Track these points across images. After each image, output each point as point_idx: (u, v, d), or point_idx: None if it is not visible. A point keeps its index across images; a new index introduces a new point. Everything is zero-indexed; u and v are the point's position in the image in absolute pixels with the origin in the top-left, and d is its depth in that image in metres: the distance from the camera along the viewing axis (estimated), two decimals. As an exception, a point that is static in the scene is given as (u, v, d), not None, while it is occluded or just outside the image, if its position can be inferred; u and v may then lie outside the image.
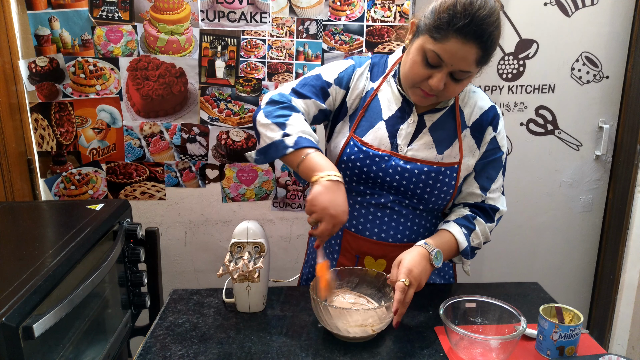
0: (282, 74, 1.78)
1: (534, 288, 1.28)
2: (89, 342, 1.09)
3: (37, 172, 1.80)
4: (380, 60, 1.21)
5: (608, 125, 2.03)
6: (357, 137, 1.15)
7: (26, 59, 1.71)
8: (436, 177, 1.12)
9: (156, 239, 1.42)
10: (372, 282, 1.13)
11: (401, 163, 1.12)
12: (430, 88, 1.04)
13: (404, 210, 1.16)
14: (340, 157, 1.15)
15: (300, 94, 1.13)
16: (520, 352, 0.99)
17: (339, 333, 1.00)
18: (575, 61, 1.98)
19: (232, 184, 1.89)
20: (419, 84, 1.06)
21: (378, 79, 1.18)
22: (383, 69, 1.19)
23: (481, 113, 1.16)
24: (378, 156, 1.12)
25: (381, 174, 1.13)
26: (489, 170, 1.18)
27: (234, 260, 1.11)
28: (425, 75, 1.03)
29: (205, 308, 1.16)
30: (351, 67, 1.19)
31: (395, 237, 1.18)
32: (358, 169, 1.14)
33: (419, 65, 1.03)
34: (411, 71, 1.06)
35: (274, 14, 1.73)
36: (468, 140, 1.15)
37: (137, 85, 1.76)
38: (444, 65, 1.01)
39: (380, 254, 1.19)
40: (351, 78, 1.18)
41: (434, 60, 1.01)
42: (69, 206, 1.30)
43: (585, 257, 2.20)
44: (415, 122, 1.14)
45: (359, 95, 1.18)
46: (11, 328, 0.77)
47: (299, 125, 1.05)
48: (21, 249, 1.02)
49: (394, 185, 1.13)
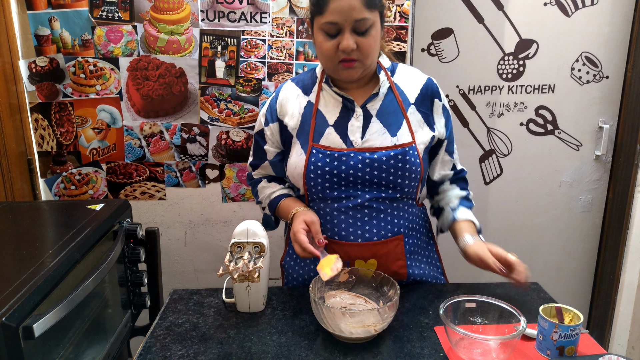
0: (282, 74, 1.78)
1: (534, 288, 1.28)
2: (89, 342, 1.09)
3: (37, 172, 1.80)
4: (308, 74, 1.27)
5: (608, 125, 2.03)
6: (317, 145, 1.17)
7: (26, 59, 1.71)
8: (403, 159, 1.15)
9: (156, 239, 1.42)
10: (368, 282, 1.13)
11: (366, 155, 1.15)
12: (345, 53, 1.08)
13: (381, 205, 1.18)
14: (307, 168, 1.17)
15: (253, 165, 1.35)
16: (520, 352, 0.99)
17: (341, 334, 1.00)
18: (575, 61, 1.98)
19: (232, 184, 1.89)
20: (335, 58, 1.10)
21: (312, 90, 1.23)
22: (313, 81, 1.24)
23: (420, 87, 1.21)
24: (343, 155, 1.15)
25: (351, 171, 1.15)
26: (450, 136, 1.26)
27: (234, 260, 1.11)
28: (334, 46, 1.09)
29: (205, 308, 1.17)
30: (272, 100, 1.28)
31: (379, 234, 1.18)
32: (328, 174, 1.16)
33: (324, 42, 1.10)
34: (323, 52, 1.12)
35: (274, 14, 1.73)
36: (415, 116, 1.19)
37: (137, 85, 1.76)
38: (342, 27, 1.07)
39: (369, 255, 1.19)
40: (275, 109, 1.25)
41: (332, 29, 1.08)
42: (69, 206, 1.30)
43: (585, 257, 2.21)
44: (361, 115, 1.17)
45: (296, 114, 1.22)
46: (11, 328, 0.77)
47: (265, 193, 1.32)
48: (21, 249, 1.02)
49: (367, 179, 1.15)
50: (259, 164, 1.33)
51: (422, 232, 1.28)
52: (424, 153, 1.19)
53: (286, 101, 1.24)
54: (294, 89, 1.25)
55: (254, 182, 1.37)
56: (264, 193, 1.33)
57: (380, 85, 1.18)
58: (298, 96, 1.23)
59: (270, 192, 1.31)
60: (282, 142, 1.26)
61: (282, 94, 1.26)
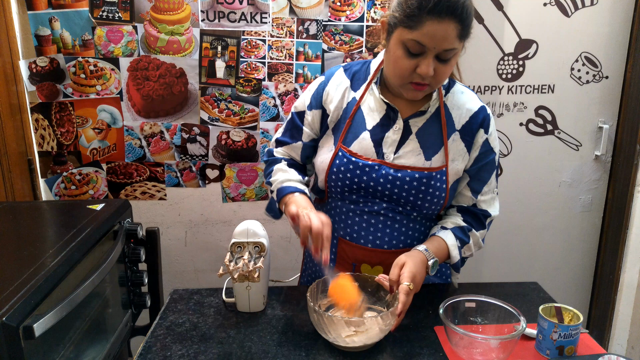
0: (282, 74, 1.78)
1: (534, 288, 1.28)
2: (90, 342, 1.09)
3: (38, 172, 1.80)
4: (362, 67, 1.20)
5: (607, 125, 2.03)
6: (345, 148, 1.14)
7: (27, 59, 1.71)
8: (427, 183, 1.10)
9: (156, 239, 1.42)
10: (364, 286, 1.10)
11: (391, 171, 1.11)
12: (420, 77, 1.02)
13: (397, 216, 1.15)
14: (330, 169, 1.15)
15: (281, 142, 1.27)
16: (520, 351, 0.99)
17: (345, 345, 0.97)
18: (575, 61, 1.98)
19: (232, 184, 1.89)
20: (408, 78, 1.04)
21: (360, 87, 1.17)
22: (365, 77, 1.18)
23: (470, 115, 1.14)
24: (368, 166, 1.11)
25: (372, 184, 1.12)
26: (482, 173, 1.17)
27: (234, 260, 1.11)
28: (412, 67, 1.01)
29: (206, 308, 1.17)
30: (320, 85, 1.20)
31: (391, 243, 1.17)
32: (349, 180, 1.13)
33: (402, 58, 1.02)
34: (397, 67, 1.04)
35: (274, 15, 1.73)
36: (457, 144, 1.13)
37: (137, 86, 1.76)
38: (428, 50, 0.99)
39: (376, 261, 1.18)
40: (322, 96, 1.19)
41: (416, 49, 0.99)
42: (70, 206, 1.30)
43: (585, 257, 2.21)
44: (400, 129, 1.12)
45: (339, 107, 1.17)
46: (12, 328, 0.77)
47: (279, 177, 1.20)
48: (21, 249, 1.02)
49: (386, 194, 1.12)
50: (288, 142, 1.25)
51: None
52: (454, 182, 1.14)
53: (333, 90, 1.18)
54: (343, 79, 1.19)
55: (271, 160, 1.27)
56: (278, 176, 1.21)
57: (430, 104, 1.12)
58: (345, 89, 1.17)
59: (285, 178, 1.20)
60: (320, 130, 1.22)
61: (332, 81, 1.19)
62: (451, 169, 1.12)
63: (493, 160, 1.17)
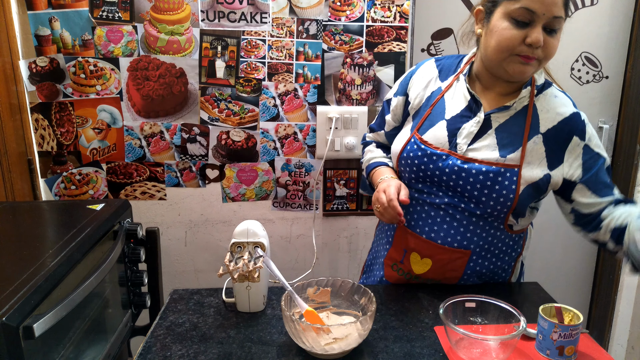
0: (282, 74, 1.78)
1: (534, 288, 1.28)
2: (90, 342, 1.09)
3: (38, 172, 1.80)
4: (454, 60, 1.21)
5: (608, 125, 2.03)
6: (418, 136, 1.16)
7: (26, 59, 1.71)
8: (494, 179, 1.07)
9: (156, 239, 1.42)
10: (336, 291, 1.09)
11: (458, 163, 1.09)
12: (531, 48, 0.99)
13: (458, 214, 1.13)
14: (401, 155, 1.17)
15: (371, 129, 1.39)
16: (520, 352, 0.99)
17: (323, 353, 0.95)
18: (575, 61, 1.98)
19: (232, 184, 1.89)
20: (516, 50, 1.00)
21: (448, 78, 1.18)
22: (455, 69, 1.19)
23: (560, 120, 1.08)
24: (436, 155, 1.11)
25: (438, 173, 1.12)
26: (601, 177, 1.09)
27: (234, 260, 1.11)
28: (521, 37, 0.99)
29: (206, 308, 1.17)
30: (409, 73, 1.25)
31: (445, 239, 1.15)
32: (416, 167, 1.14)
33: (509, 30, 1.00)
34: (503, 39, 1.01)
35: (274, 14, 1.73)
36: (538, 148, 1.08)
37: (137, 86, 1.76)
38: (537, 19, 0.98)
39: (426, 253, 1.18)
40: (408, 83, 1.23)
41: (526, 16, 0.98)
42: (70, 206, 1.30)
43: (585, 257, 2.21)
44: (480, 122, 1.10)
45: (422, 96, 1.19)
46: (11, 328, 0.77)
47: (367, 157, 1.36)
48: (21, 249, 1.02)
49: (451, 185, 1.11)
50: (376, 130, 1.37)
51: (500, 258, 1.21)
52: (528, 187, 1.08)
53: (420, 79, 1.21)
54: (432, 70, 1.21)
55: (365, 143, 1.42)
56: (367, 156, 1.36)
57: (517, 100, 1.09)
58: (432, 78, 1.20)
59: (371, 156, 1.34)
60: (402, 116, 1.25)
61: (420, 70, 1.23)
62: (525, 171, 1.07)
63: (604, 165, 1.10)
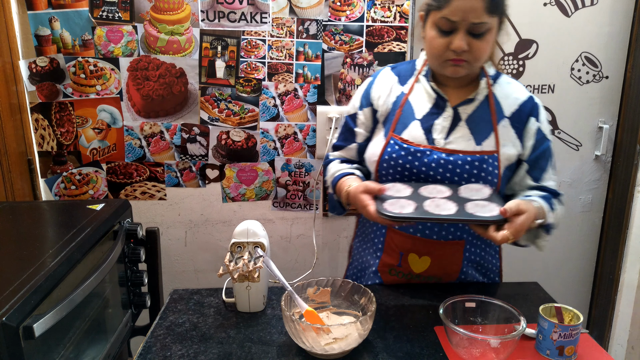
0: (282, 74, 1.78)
1: (534, 288, 1.28)
2: (89, 342, 1.09)
3: (38, 172, 1.80)
4: (408, 65, 1.25)
5: (608, 125, 2.03)
6: (396, 136, 1.17)
7: (26, 59, 1.71)
8: (479, 167, 1.12)
9: (156, 239, 1.42)
10: (336, 292, 1.09)
11: (443, 155, 1.13)
12: (455, 53, 1.07)
13: None
14: (382, 157, 1.17)
15: (336, 147, 1.34)
16: (520, 352, 0.99)
17: (324, 353, 0.95)
18: (575, 61, 1.98)
19: (232, 184, 1.89)
20: (444, 56, 1.08)
21: (407, 81, 1.21)
22: (411, 72, 1.22)
23: (519, 103, 1.17)
24: (419, 151, 1.14)
25: (424, 169, 1.13)
26: (540, 162, 1.19)
27: (234, 260, 1.11)
28: (446, 44, 1.07)
29: (206, 308, 1.17)
30: (368, 85, 1.26)
31: (440, 234, 1.17)
32: (401, 167, 1.15)
33: (436, 38, 1.08)
34: (432, 47, 1.10)
35: (274, 14, 1.73)
36: (507, 130, 1.16)
37: (137, 86, 1.76)
38: (458, 25, 1.04)
39: (425, 252, 1.19)
40: (370, 94, 1.24)
41: (447, 25, 1.05)
42: (70, 206, 1.30)
43: (585, 257, 2.21)
44: (450, 116, 1.15)
45: (387, 102, 1.21)
46: (11, 328, 0.77)
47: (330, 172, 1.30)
48: (21, 249, 1.02)
49: (438, 179, 1.14)
50: (343, 145, 1.32)
51: (489, 244, 1.26)
52: (505, 169, 1.15)
53: (381, 87, 1.23)
54: (390, 76, 1.24)
55: (326, 162, 1.36)
56: (330, 172, 1.31)
57: (478, 92, 1.16)
58: (393, 85, 1.23)
59: (335, 170, 1.29)
60: (371, 127, 1.26)
61: (379, 79, 1.25)
62: (502, 153, 1.14)
63: (548, 147, 1.20)
